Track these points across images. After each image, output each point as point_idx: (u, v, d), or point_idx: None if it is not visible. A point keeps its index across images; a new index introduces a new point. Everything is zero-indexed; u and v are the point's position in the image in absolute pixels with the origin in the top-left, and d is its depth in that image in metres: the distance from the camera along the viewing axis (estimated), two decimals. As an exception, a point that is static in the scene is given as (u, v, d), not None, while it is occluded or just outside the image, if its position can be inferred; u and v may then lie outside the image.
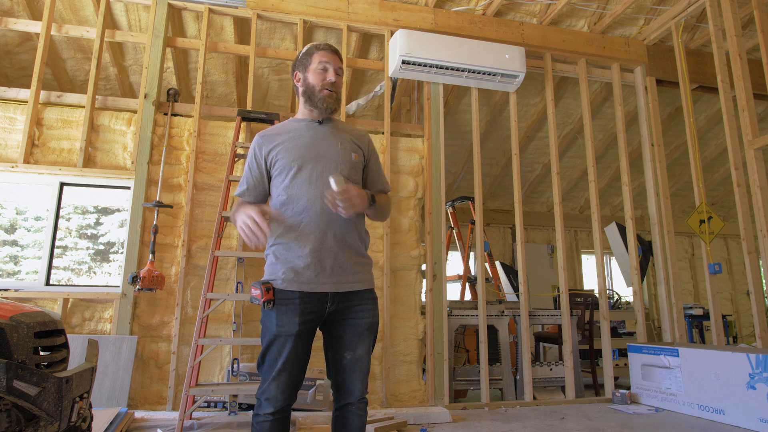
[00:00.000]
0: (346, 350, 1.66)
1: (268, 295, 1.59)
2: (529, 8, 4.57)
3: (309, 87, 1.77)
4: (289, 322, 1.59)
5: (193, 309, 3.55)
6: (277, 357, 1.58)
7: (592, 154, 4.64)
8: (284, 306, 1.60)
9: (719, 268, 4.19)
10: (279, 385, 1.58)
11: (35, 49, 4.26)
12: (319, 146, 1.74)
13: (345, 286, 1.66)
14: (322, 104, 1.76)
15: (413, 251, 4.07)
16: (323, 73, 1.76)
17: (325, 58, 1.77)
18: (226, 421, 3.09)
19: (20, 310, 1.69)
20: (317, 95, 1.76)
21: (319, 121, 1.80)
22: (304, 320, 1.60)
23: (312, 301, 1.62)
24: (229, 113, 3.98)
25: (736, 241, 8.72)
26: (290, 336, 1.58)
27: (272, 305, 1.60)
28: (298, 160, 1.70)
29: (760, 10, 3.98)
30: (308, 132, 1.77)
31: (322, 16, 4.20)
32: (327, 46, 1.80)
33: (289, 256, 1.64)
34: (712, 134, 6.74)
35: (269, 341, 1.60)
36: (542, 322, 4.40)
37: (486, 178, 7.14)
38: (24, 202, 8.21)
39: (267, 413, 1.57)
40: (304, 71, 1.79)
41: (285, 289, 1.61)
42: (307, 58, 1.79)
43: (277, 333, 1.59)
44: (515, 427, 3.28)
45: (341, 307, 1.66)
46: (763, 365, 3.18)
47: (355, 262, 1.70)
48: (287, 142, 1.74)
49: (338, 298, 1.65)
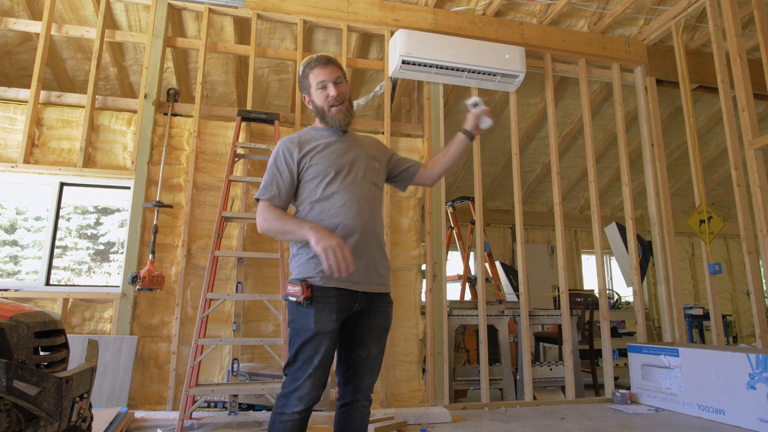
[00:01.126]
0: (361, 349, 1.70)
1: (308, 292, 1.59)
2: (529, 8, 4.57)
3: (318, 109, 1.82)
4: (327, 320, 1.60)
5: (193, 309, 3.55)
6: (314, 354, 1.59)
7: (592, 154, 4.64)
8: (322, 303, 1.61)
9: (719, 268, 4.19)
10: (314, 383, 1.59)
11: (35, 49, 4.26)
12: (351, 154, 1.80)
13: (374, 287, 1.71)
14: (335, 122, 1.80)
15: (413, 251, 4.07)
16: (324, 92, 1.79)
17: (320, 76, 1.78)
18: (226, 421, 3.09)
19: (20, 310, 1.69)
20: (327, 115, 1.80)
21: (343, 131, 1.86)
22: (339, 318, 1.63)
23: (346, 300, 1.65)
24: (229, 113, 3.98)
25: (736, 241, 8.72)
26: (328, 333, 1.60)
27: (310, 302, 1.60)
28: (333, 166, 1.74)
29: (760, 10, 3.98)
30: (338, 140, 1.82)
31: (322, 16, 4.20)
32: (317, 62, 1.80)
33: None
34: (712, 134, 6.74)
35: (306, 339, 1.59)
36: (542, 322, 4.40)
37: (486, 178, 7.14)
38: (24, 202, 8.21)
39: (295, 412, 1.57)
40: (309, 94, 1.83)
41: (324, 286, 1.62)
42: (305, 81, 1.83)
43: (317, 330, 1.59)
44: (515, 427, 3.28)
45: (365, 308, 1.70)
46: (763, 365, 3.18)
47: (383, 266, 1.76)
48: (321, 149, 1.77)
49: (365, 299, 1.69)
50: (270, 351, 3.21)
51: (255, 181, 3.64)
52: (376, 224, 1.76)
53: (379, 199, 1.82)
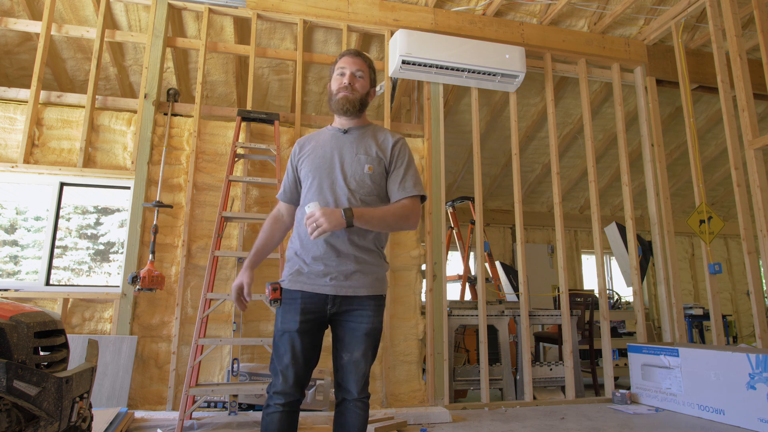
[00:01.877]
0: (344, 351, 1.72)
1: (275, 294, 1.72)
2: (529, 8, 4.57)
3: (329, 93, 1.85)
4: (291, 320, 1.68)
5: (193, 309, 3.55)
6: (284, 352, 1.67)
7: (592, 154, 4.64)
8: (288, 304, 1.71)
9: (719, 268, 4.19)
10: (286, 379, 1.66)
11: (35, 49, 4.26)
12: (334, 158, 1.78)
13: (347, 290, 1.71)
14: (336, 106, 1.81)
15: (413, 251, 4.07)
16: (340, 78, 1.81)
17: (342, 63, 1.83)
18: (226, 421, 3.09)
19: (20, 310, 1.69)
20: (333, 99, 1.82)
21: (344, 131, 1.83)
22: (304, 318, 1.68)
23: (313, 302, 1.70)
24: (229, 113, 3.98)
25: (736, 241, 8.72)
26: (292, 332, 1.67)
27: (279, 303, 1.72)
28: (313, 170, 1.78)
29: (760, 10, 3.98)
30: (330, 142, 1.82)
31: (322, 16, 4.20)
32: (348, 52, 1.86)
33: (298, 260, 1.75)
34: (712, 134, 6.74)
35: (278, 336, 1.71)
36: (542, 322, 4.40)
37: (486, 178, 7.14)
38: (24, 202, 8.20)
39: (277, 403, 1.65)
40: (330, 80, 1.87)
41: (289, 289, 1.72)
42: (332, 68, 1.87)
43: (282, 329, 1.70)
44: (515, 427, 3.28)
45: (343, 310, 1.72)
46: (763, 365, 3.18)
47: (357, 270, 1.71)
48: (311, 151, 1.83)
49: (339, 301, 1.71)
50: (270, 351, 3.21)
51: (255, 181, 3.65)
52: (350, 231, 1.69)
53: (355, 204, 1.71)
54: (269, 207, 3.83)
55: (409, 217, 1.76)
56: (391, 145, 1.82)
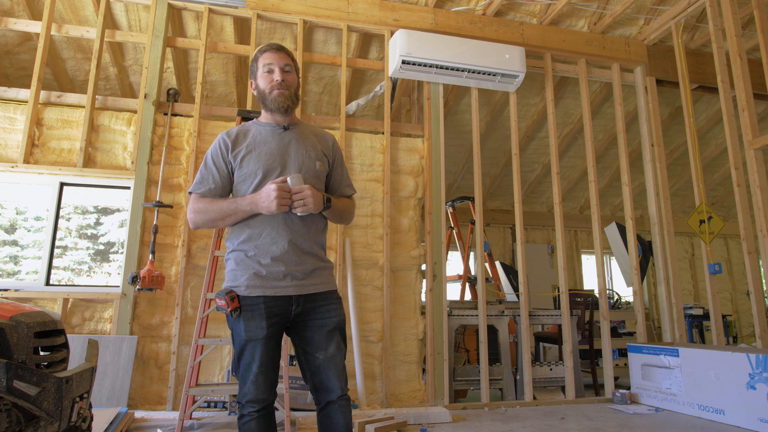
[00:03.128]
0: (318, 350, 1.67)
1: (234, 304, 1.60)
2: (529, 8, 4.57)
3: (260, 92, 1.78)
4: (256, 327, 1.61)
5: (193, 309, 3.55)
6: (251, 361, 1.61)
7: (592, 154, 4.64)
8: (250, 312, 1.62)
9: (719, 268, 4.19)
10: (258, 387, 1.61)
11: (35, 49, 4.26)
12: (284, 155, 1.73)
13: (308, 288, 1.67)
14: (274, 104, 1.75)
15: (413, 251, 4.07)
16: (269, 75, 1.76)
17: (268, 59, 1.76)
18: (226, 421, 3.09)
19: (20, 310, 1.69)
20: (268, 98, 1.76)
21: (284, 127, 1.79)
22: (270, 323, 1.62)
23: (277, 305, 1.64)
24: (229, 113, 3.98)
25: (736, 241, 8.72)
26: (260, 340, 1.61)
27: (239, 313, 1.61)
28: (262, 168, 1.69)
29: (760, 10, 3.98)
30: (273, 139, 1.76)
31: (322, 16, 4.20)
32: (269, 47, 1.79)
33: (252, 263, 1.65)
34: (712, 134, 6.74)
35: (241, 347, 1.63)
36: (542, 322, 4.40)
37: (486, 178, 7.14)
38: (24, 202, 8.20)
39: (252, 411, 1.60)
40: (255, 78, 1.80)
41: (250, 296, 1.62)
42: (255, 64, 1.80)
43: (247, 338, 1.61)
44: (515, 427, 3.28)
45: (307, 309, 1.68)
46: (763, 365, 3.18)
47: (316, 267, 1.71)
48: (253, 148, 1.73)
49: (303, 300, 1.67)
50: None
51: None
52: (309, 228, 1.70)
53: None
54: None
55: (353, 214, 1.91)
56: (331, 143, 1.88)
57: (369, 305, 3.88)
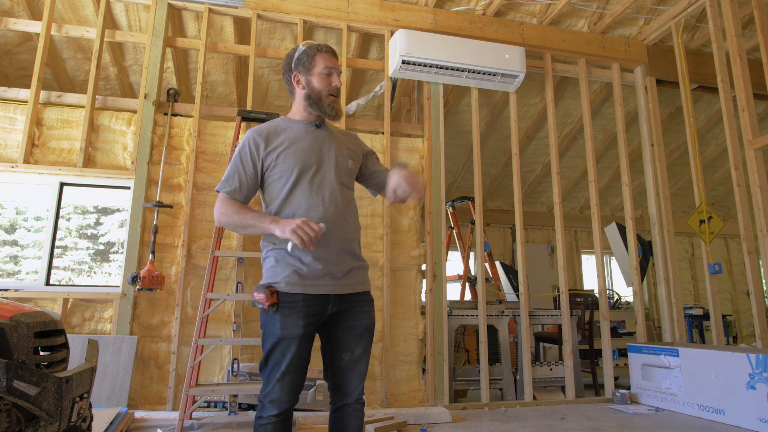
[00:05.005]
0: (344, 351, 1.66)
1: (273, 299, 1.58)
2: (529, 8, 4.57)
3: (314, 92, 1.74)
4: (293, 325, 1.58)
5: (193, 309, 3.55)
6: (281, 359, 1.58)
7: (592, 154, 4.64)
8: (288, 309, 1.59)
9: (719, 268, 4.19)
10: (283, 387, 1.57)
11: (35, 49, 4.26)
12: (319, 152, 1.72)
13: (346, 288, 1.67)
14: (330, 110, 1.75)
15: (413, 251, 4.07)
16: (328, 78, 1.74)
17: (329, 62, 1.75)
18: (226, 421, 3.09)
19: (20, 310, 1.69)
20: (324, 101, 1.74)
21: (316, 125, 1.78)
22: (307, 323, 1.60)
23: (315, 303, 1.62)
24: (229, 113, 3.98)
25: (736, 241, 8.72)
26: (294, 338, 1.58)
27: (276, 309, 1.59)
28: (299, 165, 1.67)
29: (760, 10, 3.98)
30: (307, 136, 1.74)
31: (322, 16, 4.20)
32: (328, 48, 1.78)
33: (292, 260, 1.63)
34: (712, 134, 6.74)
35: (273, 344, 1.59)
36: (542, 322, 4.40)
37: (486, 178, 7.14)
38: (24, 202, 8.20)
39: (271, 415, 1.57)
40: (307, 74, 1.75)
41: (289, 292, 1.60)
42: (309, 60, 1.74)
43: (282, 336, 1.58)
44: (515, 427, 3.28)
45: (341, 309, 1.67)
46: (763, 365, 3.18)
47: (355, 266, 1.71)
48: (287, 145, 1.70)
49: (339, 300, 1.66)
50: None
51: (255, 181, 3.64)
52: (346, 226, 1.70)
53: (349, 200, 1.75)
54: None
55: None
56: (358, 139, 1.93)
57: (369, 305, 3.88)
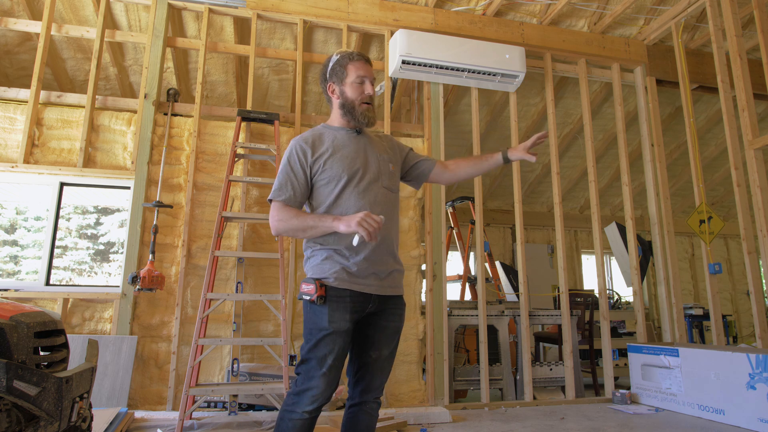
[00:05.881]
0: (373, 349, 1.72)
1: (321, 291, 1.62)
2: (529, 8, 4.57)
3: (348, 101, 1.79)
4: (341, 319, 1.62)
5: (193, 309, 3.55)
6: (328, 353, 1.60)
7: (592, 154, 4.64)
8: (336, 303, 1.64)
9: (719, 268, 4.19)
10: (329, 382, 1.60)
11: (35, 49, 4.26)
12: (363, 158, 1.78)
13: (387, 290, 1.74)
14: (364, 119, 1.80)
15: (413, 251, 4.07)
16: (360, 87, 1.79)
17: (362, 71, 1.79)
18: (226, 421, 3.09)
19: (20, 310, 1.69)
20: (357, 110, 1.79)
21: (357, 131, 1.84)
22: (352, 318, 1.66)
23: (360, 301, 1.68)
24: (229, 113, 3.98)
25: (736, 241, 8.71)
26: (342, 332, 1.63)
27: (324, 301, 1.63)
28: (347, 171, 1.72)
29: (760, 10, 3.98)
30: (351, 143, 1.80)
31: (322, 16, 4.20)
32: (360, 56, 1.82)
33: (340, 258, 1.68)
34: (712, 134, 6.74)
35: (320, 338, 1.61)
36: (542, 322, 4.40)
37: (486, 178, 7.14)
38: (24, 202, 8.20)
39: (306, 411, 1.58)
40: (341, 84, 1.80)
41: (338, 287, 1.65)
42: (342, 70, 1.80)
43: (332, 329, 1.61)
44: (515, 427, 3.28)
45: (379, 309, 1.73)
46: (763, 365, 3.18)
47: (396, 270, 1.78)
48: (333, 152, 1.75)
49: (378, 301, 1.72)
50: (270, 351, 3.21)
51: (255, 181, 3.65)
52: (391, 229, 1.76)
53: (393, 203, 1.81)
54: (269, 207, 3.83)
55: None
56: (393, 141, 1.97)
57: (369, 305, 3.88)
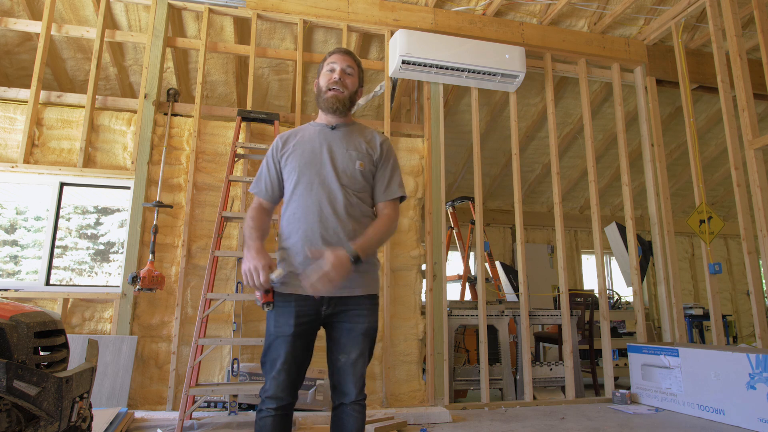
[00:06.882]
0: (340, 353, 1.69)
1: (267, 297, 1.66)
2: (529, 8, 4.57)
3: (318, 90, 1.83)
4: (285, 324, 1.64)
5: (193, 309, 3.55)
6: (277, 357, 1.63)
7: (592, 154, 4.64)
8: (281, 308, 1.66)
9: (719, 268, 4.19)
10: (279, 384, 1.62)
11: (35, 49, 4.26)
12: (323, 154, 1.75)
13: (340, 291, 1.66)
14: (326, 105, 1.79)
15: (413, 251, 4.07)
16: (330, 74, 1.80)
17: (333, 60, 1.82)
18: (226, 421, 3.09)
19: (20, 310, 1.69)
20: (322, 96, 1.80)
21: (331, 127, 1.81)
22: (299, 322, 1.65)
23: (307, 304, 1.66)
24: (229, 113, 3.98)
25: (736, 241, 8.72)
26: (287, 337, 1.64)
27: (271, 307, 1.67)
28: (299, 167, 1.74)
29: (760, 10, 3.98)
30: (318, 138, 1.78)
31: (322, 16, 4.20)
32: (338, 50, 1.85)
33: (291, 260, 1.69)
34: (712, 134, 6.74)
35: (270, 341, 1.67)
36: (542, 322, 4.40)
37: (486, 178, 7.14)
38: (24, 202, 8.20)
39: (269, 408, 1.62)
40: (318, 77, 1.85)
41: (283, 292, 1.67)
42: (322, 64, 1.86)
43: (276, 334, 1.65)
44: (515, 427, 3.28)
45: (338, 311, 1.69)
46: (763, 365, 3.18)
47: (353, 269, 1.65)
48: (297, 147, 1.77)
49: (334, 302, 1.68)
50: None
51: (255, 181, 3.64)
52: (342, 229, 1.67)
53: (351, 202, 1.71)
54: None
55: (393, 229, 1.80)
56: (380, 142, 1.84)
57: (369, 305, 3.88)
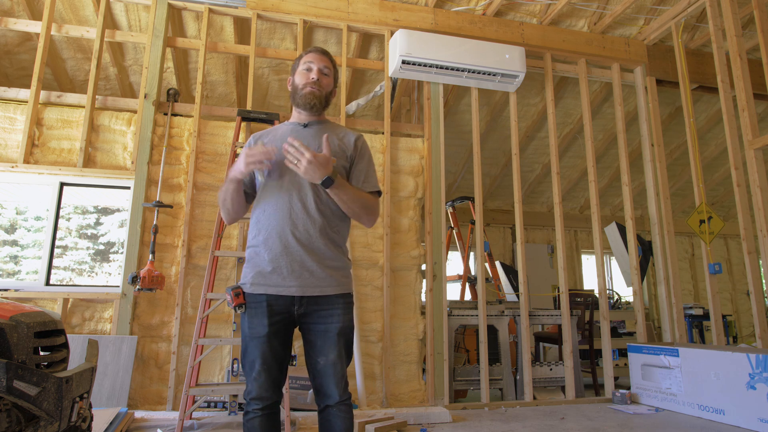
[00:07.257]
0: (318, 355, 1.66)
1: (238, 300, 1.64)
2: (529, 8, 4.57)
3: (294, 87, 1.83)
4: (258, 324, 1.63)
5: (193, 309, 3.55)
6: (255, 358, 1.62)
7: (592, 154, 4.64)
8: (254, 309, 1.64)
9: (719, 268, 4.19)
10: (261, 385, 1.62)
11: (35, 49, 4.26)
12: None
13: (311, 290, 1.64)
14: (302, 101, 1.79)
15: (413, 251, 4.07)
16: (307, 73, 1.80)
17: (309, 58, 1.82)
18: (226, 421, 3.09)
19: (20, 310, 1.69)
20: (299, 93, 1.80)
21: (304, 125, 1.81)
22: (272, 321, 1.63)
23: (279, 303, 1.64)
24: (229, 113, 3.98)
25: (736, 241, 8.71)
26: (263, 337, 1.62)
27: (244, 309, 1.65)
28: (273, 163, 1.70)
29: (760, 10, 3.98)
30: (290, 135, 1.75)
31: (322, 16, 4.20)
32: (314, 49, 1.85)
33: (258, 260, 1.67)
34: (712, 134, 6.74)
35: (245, 344, 1.65)
36: (542, 322, 4.40)
37: (486, 178, 7.14)
38: (24, 202, 8.20)
39: (255, 408, 1.62)
40: (293, 75, 1.86)
41: (253, 293, 1.65)
42: (297, 62, 1.87)
43: (251, 335, 1.63)
44: (515, 427, 3.28)
45: (310, 311, 1.66)
46: (763, 365, 3.18)
47: (324, 266, 1.66)
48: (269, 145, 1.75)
49: (306, 302, 1.65)
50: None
51: (255, 181, 3.64)
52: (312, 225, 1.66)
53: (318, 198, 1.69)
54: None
55: (373, 210, 1.76)
56: (354, 139, 1.83)
57: (369, 305, 3.88)
